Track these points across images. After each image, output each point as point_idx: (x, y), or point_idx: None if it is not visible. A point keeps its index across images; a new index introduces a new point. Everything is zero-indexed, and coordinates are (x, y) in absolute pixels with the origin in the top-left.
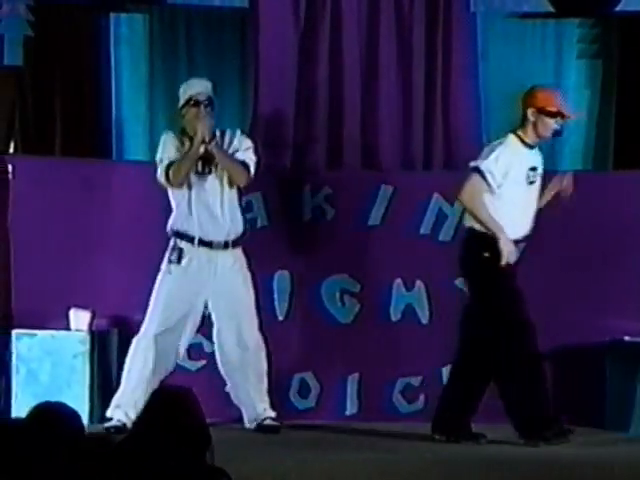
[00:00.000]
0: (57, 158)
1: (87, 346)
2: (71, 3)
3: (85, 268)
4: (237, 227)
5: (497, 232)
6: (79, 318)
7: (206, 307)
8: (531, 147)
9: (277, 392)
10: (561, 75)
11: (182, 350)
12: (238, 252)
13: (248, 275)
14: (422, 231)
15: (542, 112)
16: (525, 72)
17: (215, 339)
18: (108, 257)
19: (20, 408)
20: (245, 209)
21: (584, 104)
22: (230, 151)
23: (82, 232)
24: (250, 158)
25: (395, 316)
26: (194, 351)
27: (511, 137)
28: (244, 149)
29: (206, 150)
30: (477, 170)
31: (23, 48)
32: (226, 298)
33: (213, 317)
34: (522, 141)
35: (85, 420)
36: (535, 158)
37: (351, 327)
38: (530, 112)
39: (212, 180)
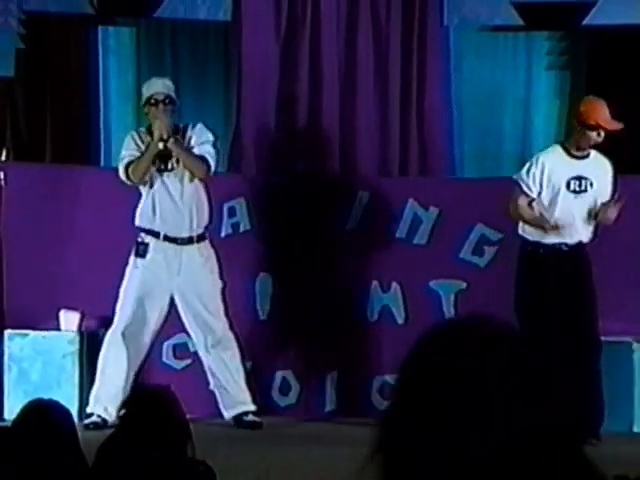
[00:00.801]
0: (47, 165)
1: (76, 346)
2: (61, 17)
3: (75, 271)
4: (201, 221)
5: (542, 223)
6: (69, 319)
7: (172, 300)
8: (578, 157)
9: (259, 389)
10: (531, 86)
11: (148, 339)
12: (204, 245)
13: (215, 267)
14: (398, 235)
15: (584, 125)
16: (497, 83)
17: (191, 334)
18: (97, 260)
19: (12, 406)
20: (229, 214)
21: (554, 113)
22: (191, 144)
23: (72, 236)
24: (208, 152)
25: (372, 316)
26: (179, 350)
27: (554, 147)
28: (203, 142)
29: (165, 147)
30: (515, 181)
31: (15, 59)
32: (191, 290)
33: (180, 310)
34: (567, 151)
35: (75, 417)
36: (583, 168)
37: (330, 327)
38: (575, 124)
39: (173, 176)
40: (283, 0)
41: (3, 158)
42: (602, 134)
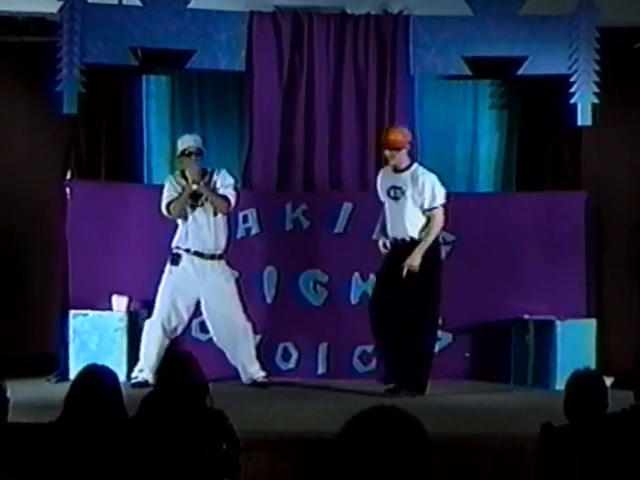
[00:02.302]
0: (103, 182)
1: (125, 323)
2: (113, 67)
3: (124, 265)
4: (221, 244)
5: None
6: (119, 302)
7: (199, 303)
8: (397, 171)
9: (266, 357)
10: (477, 122)
11: (180, 328)
12: (222, 263)
13: (231, 277)
14: (374, 237)
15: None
16: (450, 119)
17: (209, 327)
18: (141, 256)
19: (75, 369)
20: (243, 221)
21: (495, 142)
22: (217, 186)
23: (122, 237)
24: (230, 193)
25: (354, 300)
26: (204, 327)
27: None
28: (226, 185)
29: (196, 189)
30: None
31: (77, 101)
32: (214, 294)
33: (204, 310)
34: (393, 167)
35: (123, 378)
36: (399, 179)
37: (321, 308)
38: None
39: (202, 211)
40: (285, 56)
41: (68, 177)
42: (387, 152)
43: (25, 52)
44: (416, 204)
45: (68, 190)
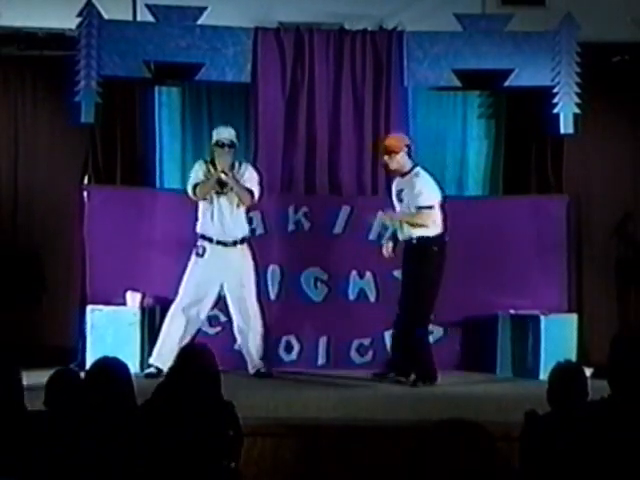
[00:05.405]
0: (118, 186)
1: (138, 317)
2: (127, 79)
3: (138, 263)
4: (243, 230)
5: None
6: (133, 298)
7: (222, 288)
8: (402, 176)
9: (270, 349)
10: (466, 130)
11: (203, 316)
12: (245, 247)
13: (252, 264)
14: (370, 237)
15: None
16: (441, 128)
17: (230, 309)
18: (154, 255)
19: (92, 360)
20: (248, 222)
21: (483, 149)
22: (243, 179)
23: (136, 237)
24: (254, 187)
25: (352, 296)
26: (213, 321)
27: None
28: (251, 179)
29: (223, 178)
30: None
31: (94, 111)
32: (235, 281)
33: (227, 295)
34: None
35: (137, 369)
36: (402, 183)
37: (321, 304)
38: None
39: (227, 199)
40: (288, 68)
41: (86, 182)
42: (385, 157)
43: (46, 65)
44: (410, 205)
45: (86, 194)
